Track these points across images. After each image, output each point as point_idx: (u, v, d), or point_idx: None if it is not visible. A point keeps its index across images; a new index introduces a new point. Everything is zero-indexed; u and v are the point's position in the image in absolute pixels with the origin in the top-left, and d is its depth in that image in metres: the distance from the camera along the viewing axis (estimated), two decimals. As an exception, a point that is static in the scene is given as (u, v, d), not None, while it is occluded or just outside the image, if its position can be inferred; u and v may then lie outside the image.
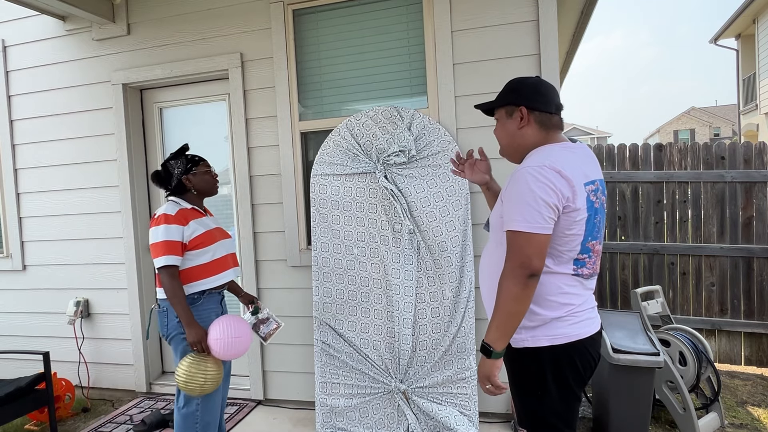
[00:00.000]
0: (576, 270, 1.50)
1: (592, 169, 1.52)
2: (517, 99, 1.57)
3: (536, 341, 1.50)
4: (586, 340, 1.51)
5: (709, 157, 3.74)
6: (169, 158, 2.31)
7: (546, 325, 1.49)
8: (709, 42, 14.20)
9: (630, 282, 3.88)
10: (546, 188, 1.39)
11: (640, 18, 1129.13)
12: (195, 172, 2.28)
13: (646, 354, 2.50)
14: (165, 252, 2.12)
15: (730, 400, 3.18)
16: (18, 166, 3.68)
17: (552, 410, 1.53)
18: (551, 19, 2.65)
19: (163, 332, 2.22)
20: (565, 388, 1.52)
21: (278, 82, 3.08)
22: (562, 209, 1.41)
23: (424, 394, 2.66)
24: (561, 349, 1.49)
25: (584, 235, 1.46)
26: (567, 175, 1.41)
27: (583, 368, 1.53)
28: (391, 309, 2.72)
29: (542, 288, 1.47)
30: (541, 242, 1.40)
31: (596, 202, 1.49)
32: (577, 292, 1.51)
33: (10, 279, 3.76)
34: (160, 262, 2.12)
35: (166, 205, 2.23)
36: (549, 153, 1.48)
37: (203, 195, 2.34)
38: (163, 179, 2.31)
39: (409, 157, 2.69)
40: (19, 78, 3.65)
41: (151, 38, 3.33)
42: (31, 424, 3.16)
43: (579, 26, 4.20)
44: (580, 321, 1.51)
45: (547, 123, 1.56)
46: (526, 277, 1.40)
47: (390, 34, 2.96)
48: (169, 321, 2.19)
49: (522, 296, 1.41)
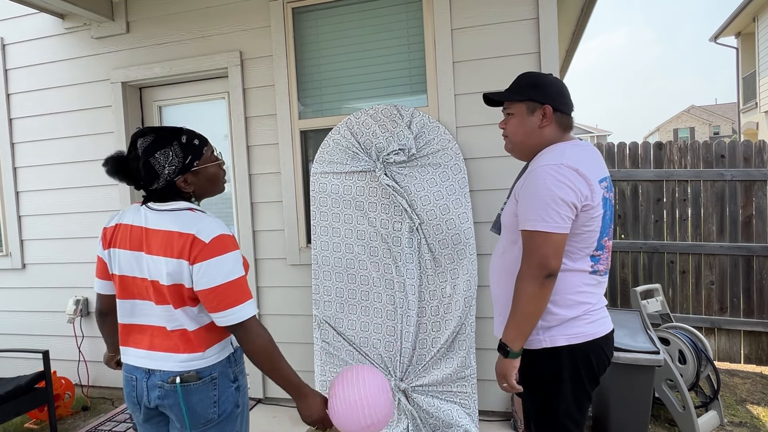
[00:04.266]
0: (593, 267, 1.50)
1: (602, 166, 1.52)
2: (543, 97, 1.53)
3: (554, 341, 1.49)
4: (601, 339, 1.51)
5: (709, 156, 3.74)
6: (152, 141, 1.41)
7: (563, 325, 1.49)
8: (708, 40, 14.19)
9: (630, 280, 3.88)
10: (564, 187, 1.38)
11: (645, 16, 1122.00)
12: (197, 169, 1.47)
13: (645, 352, 2.50)
14: (249, 293, 1.41)
15: (729, 399, 3.19)
16: (17, 165, 3.67)
17: (565, 411, 1.52)
18: (551, 17, 2.64)
19: (209, 413, 1.44)
20: (580, 388, 1.52)
21: (278, 81, 3.07)
22: (581, 207, 1.41)
23: (424, 392, 2.67)
24: (578, 348, 1.48)
25: (600, 232, 1.47)
26: (584, 173, 1.40)
27: (598, 367, 1.53)
28: (391, 307, 2.72)
29: (560, 286, 1.46)
30: (558, 242, 1.40)
31: (610, 199, 1.51)
32: (594, 291, 1.52)
33: (10, 278, 3.76)
34: (248, 311, 1.38)
35: (207, 217, 1.42)
36: (563, 151, 1.46)
37: (204, 197, 1.55)
38: (137, 176, 1.43)
39: (409, 155, 2.69)
40: (18, 76, 3.64)
41: (150, 36, 3.32)
42: (31, 423, 3.16)
43: (579, 24, 4.20)
44: (596, 320, 1.51)
45: (565, 124, 1.55)
46: (543, 277, 1.40)
47: (390, 32, 2.95)
48: (220, 394, 1.45)
49: (539, 296, 1.41)
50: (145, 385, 1.44)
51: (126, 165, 1.43)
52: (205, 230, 1.37)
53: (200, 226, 1.38)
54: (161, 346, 1.43)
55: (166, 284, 1.37)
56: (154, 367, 1.43)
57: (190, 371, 1.41)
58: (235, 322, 1.37)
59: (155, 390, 1.43)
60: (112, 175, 1.45)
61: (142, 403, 1.46)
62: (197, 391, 1.42)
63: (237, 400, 1.51)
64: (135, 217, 1.46)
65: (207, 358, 1.44)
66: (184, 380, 1.41)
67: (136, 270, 1.43)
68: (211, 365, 1.44)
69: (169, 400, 1.42)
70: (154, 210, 1.45)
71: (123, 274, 1.45)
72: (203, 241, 1.35)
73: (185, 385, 1.40)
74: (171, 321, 1.42)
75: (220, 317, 1.37)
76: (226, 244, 1.38)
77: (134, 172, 1.43)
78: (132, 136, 1.46)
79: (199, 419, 1.43)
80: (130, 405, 1.50)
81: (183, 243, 1.36)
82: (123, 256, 1.44)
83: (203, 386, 1.42)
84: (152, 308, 1.43)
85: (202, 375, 1.42)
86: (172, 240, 1.37)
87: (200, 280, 1.35)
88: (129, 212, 1.49)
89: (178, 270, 1.36)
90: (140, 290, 1.44)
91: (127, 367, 1.49)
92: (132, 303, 1.46)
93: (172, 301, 1.39)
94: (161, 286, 1.39)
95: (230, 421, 1.49)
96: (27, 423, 3.16)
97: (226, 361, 1.49)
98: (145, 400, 1.45)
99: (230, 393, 1.48)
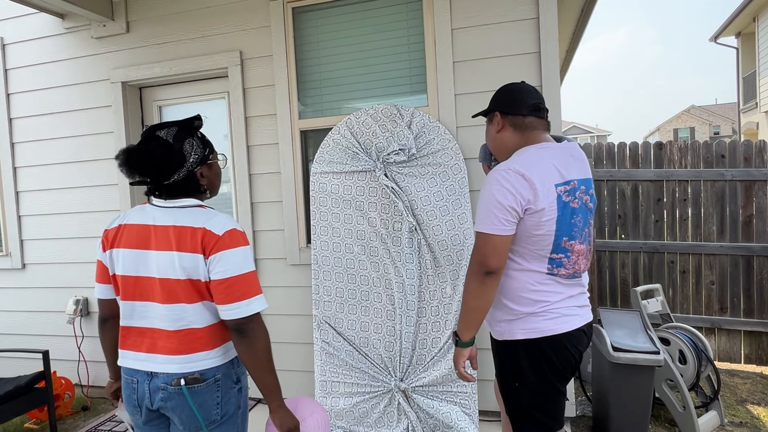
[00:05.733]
0: (551, 269, 1.54)
1: (572, 169, 1.54)
2: (493, 106, 1.66)
3: (512, 334, 1.58)
4: (563, 335, 1.55)
5: (709, 156, 3.74)
6: (177, 131, 1.45)
7: (520, 320, 1.56)
8: (709, 40, 14.19)
9: (630, 280, 3.88)
10: (505, 191, 1.46)
11: (646, 16, 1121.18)
12: (211, 162, 1.53)
13: (646, 352, 2.50)
14: (259, 288, 1.43)
15: (729, 399, 3.19)
16: (17, 165, 3.67)
17: (531, 402, 1.60)
18: (551, 17, 2.64)
19: (212, 415, 1.44)
20: (544, 381, 1.57)
21: (278, 80, 3.07)
22: (524, 211, 1.47)
23: (424, 393, 2.66)
24: (535, 343, 1.55)
25: (555, 235, 1.50)
26: (530, 178, 1.45)
27: (561, 364, 1.57)
28: (391, 307, 2.71)
29: (514, 284, 1.56)
30: (496, 243, 1.48)
31: (572, 202, 1.51)
32: (553, 290, 1.55)
33: (10, 278, 3.75)
34: (257, 305, 1.40)
35: (218, 213, 1.45)
36: (520, 155, 1.54)
37: (212, 193, 1.60)
38: (162, 164, 1.41)
39: (409, 155, 2.69)
40: (18, 76, 3.64)
41: (150, 36, 3.32)
42: (31, 423, 3.16)
43: (579, 24, 4.20)
44: (556, 317, 1.55)
45: (521, 125, 1.60)
46: (482, 274, 1.50)
47: (390, 32, 2.95)
48: (223, 395, 1.45)
49: (479, 292, 1.52)
50: (147, 388, 1.43)
51: (147, 155, 1.40)
52: (218, 224, 1.40)
53: (213, 221, 1.40)
54: (163, 348, 1.42)
55: (182, 278, 1.38)
56: (156, 370, 1.42)
57: (193, 373, 1.41)
58: (242, 315, 1.37)
59: (158, 392, 1.42)
60: (126, 167, 1.42)
61: (144, 405, 1.46)
62: (201, 393, 1.42)
63: (239, 402, 1.51)
64: (140, 217, 1.46)
65: (213, 359, 1.44)
66: (189, 382, 1.40)
67: (141, 269, 1.42)
68: (216, 366, 1.44)
69: (172, 402, 1.42)
70: (163, 207, 1.44)
71: (125, 274, 1.44)
72: (216, 234, 1.38)
73: (190, 387, 1.40)
74: (175, 321, 1.41)
75: (228, 310, 1.37)
76: (237, 238, 1.40)
77: (157, 161, 1.40)
78: (150, 128, 1.45)
79: (207, 419, 1.44)
80: (130, 408, 1.49)
81: (196, 237, 1.38)
82: (126, 256, 1.44)
83: (207, 388, 1.42)
84: (153, 309, 1.43)
85: (206, 377, 1.42)
86: (185, 235, 1.38)
87: (213, 270, 1.38)
88: (133, 212, 1.49)
89: (194, 264, 1.37)
90: (142, 291, 1.43)
91: (125, 369, 1.48)
92: (131, 305, 1.45)
93: (186, 298, 1.39)
94: (172, 282, 1.39)
95: (232, 422, 1.50)
96: (27, 423, 3.16)
97: (230, 363, 1.49)
98: (147, 402, 1.45)
99: (233, 394, 1.48)
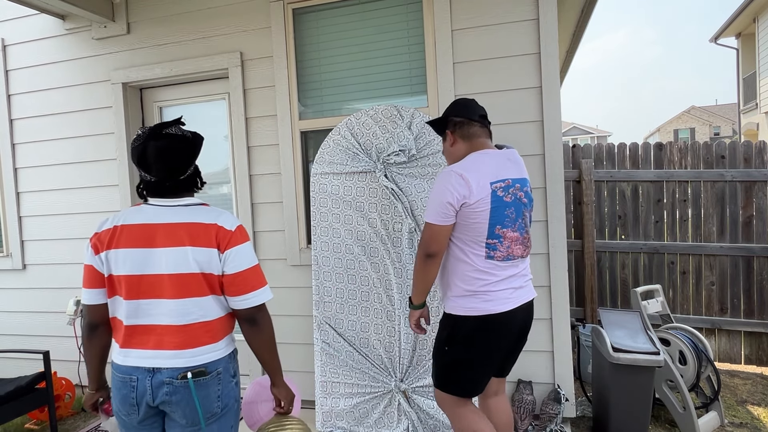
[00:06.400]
0: (488, 253, 1.81)
1: (508, 170, 1.84)
2: (444, 127, 1.97)
3: (455, 310, 1.87)
4: (500, 315, 1.81)
5: (709, 156, 3.74)
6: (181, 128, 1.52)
7: (463, 298, 1.84)
8: (709, 41, 14.20)
9: (630, 281, 3.88)
10: (444, 190, 1.77)
11: (646, 16, 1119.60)
12: None
13: (646, 353, 2.50)
14: (265, 279, 1.53)
15: (730, 399, 3.19)
16: (18, 165, 3.68)
17: (453, 365, 1.88)
18: (551, 18, 2.65)
19: (213, 408, 1.49)
20: (469, 350, 1.85)
21: (278, 81, 3.08)
22: (460, 205, 1.77)
23: (424, 393, 2.66)
24: (471, 319, 1.83)
25: (489, 223, 1.78)
26: (467, 177, 1.75)
27: (498, 339, 1.86)
28: (391, 308, 2.72)
29: (461, 266, 1.84)
30: (436, 231, 1.81)
31: (506, 196, 1.80)
32: (491, 272, 1.82)
33: (10, 278, 3.76)
34: (266, 295, 1.51)
35: (223, 210, 1.54)
36: (464, 161, 1.84)
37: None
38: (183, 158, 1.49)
39: (409, 156, 2.69)
40: (19, 77, 3.64)
41: (150, 37, 3.32)
42: (32, 423, 3.16)
43: (579, 25, 4.20)
44: (493, 299, 1.82)
45: (467, 134, 1.91)
46: (424, 256, 1.84)
47: (390, 33, 2.96)
48: (223, 388, 1.51)
49: (421, 270, 1.86)
50: (149, 384, 1.44)
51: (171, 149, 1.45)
52: (228, 221, 1.49)
53: (222, 218, 1.49)
54: (170, 344, 1.44)
55: (196, 272, 1.42)
56: (162, 366, 1.43)
57: (199, 366, 1.45)
58: (256, 304, 1.49)
59: (162, 387, 1.43)
60: (143, 163, 1.45)
61: (144, 403, 1.45)
62: (205, 386, 1.46)
63: (236, 395, 1.58)
64: (140, 216, 1.47)
65: (218, 351, 1.49)
66: (196, 375, 1.44)
67: (146, 267, 1.43)
68: (218, 359, 1.49)
69: (177, 396, 1.44)
70: (166, 206, 1.48)
71: (129, 274, 1.44)
72: (230, 230, 1.47)
73: (197, 380, 1.44)
74: (184, 316, 1.44)
75: (242, 300, 1.48)
76: (245, 233, 1.52)
77: (180, 154, 1.47)
78: (158, 125, 1.49)
79: (203, 413, 1.47)
80: (127, 407, 1.48)
81: (210, 233, 1.45)
82: (127, 255, 1.44)
83: (209, 381, 1.47)
84: (160, 306, 1.44)
85: (209, 370, 1.47)
86: (198, 231, 1.45)
87: (229, 264, 1.46)
88: (129, 213, 1.49)
89: (207, 259, 1.44)
90: (148, 288, 1.44)
91: (124, 369, 1.47)
92: (136, 303, 1.45)
93: (199, 291, 1.43)
94: (185, 276, 1.42)
95: (231, 414, 1.56)
96: (27, 423, 3.16)
97: (229, 357, 1.54)
98: (148, 398, 1.45)
99: (231, 387, 1.55)
